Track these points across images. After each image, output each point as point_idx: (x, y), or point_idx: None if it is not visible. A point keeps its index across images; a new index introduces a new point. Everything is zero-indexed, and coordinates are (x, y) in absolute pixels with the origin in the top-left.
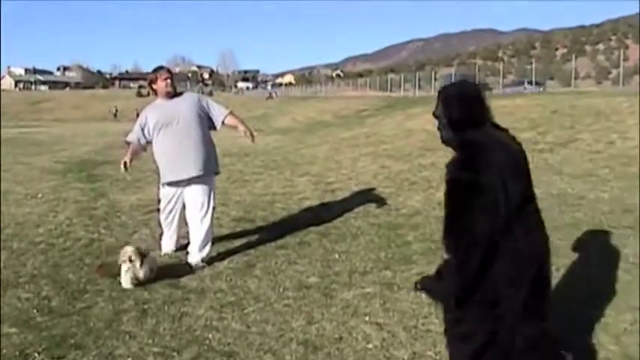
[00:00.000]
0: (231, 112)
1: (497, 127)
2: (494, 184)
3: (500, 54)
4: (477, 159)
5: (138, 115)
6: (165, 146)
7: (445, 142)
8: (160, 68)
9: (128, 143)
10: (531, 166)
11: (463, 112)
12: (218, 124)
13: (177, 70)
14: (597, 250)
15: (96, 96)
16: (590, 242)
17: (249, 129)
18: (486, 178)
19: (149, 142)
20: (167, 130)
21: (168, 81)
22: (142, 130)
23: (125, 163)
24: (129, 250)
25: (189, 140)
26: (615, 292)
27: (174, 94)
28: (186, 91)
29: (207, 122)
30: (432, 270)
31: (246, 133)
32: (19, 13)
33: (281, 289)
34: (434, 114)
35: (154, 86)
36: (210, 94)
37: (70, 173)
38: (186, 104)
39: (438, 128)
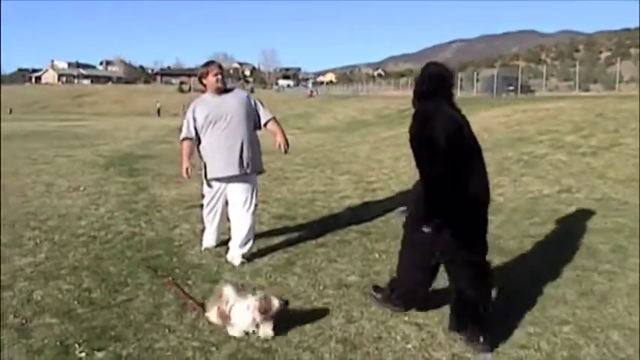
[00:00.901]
0: (274, 118)
1: (452, 105)
2: (438, 139)
3: (542, 56)
4: (424, 121)
5: (184, 111)
6: (212, 142)
7: (413, 106)
8: (210, 63)
9: (184, 139)
10: (573, 170)
11: (423, 87)
12: (262, 125)
13: None
14: (638, 256)
15: (137, 91)
16: (632, 248)
17: (285, 140)
18: (430, 132)
19: (197, 138)
20: (215, 125)
21: (219, 76)
22: (190, 125)
23: (187, 169)
24: (275, 304)
25: (236, 137)
26: None
27: (223, 90)
28: (235, 88)
29: (253, 120)
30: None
31: (281, 146)
32: (63, 7)
33: (321, 287)
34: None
35: (204, 81)
36: (252, 91)
37: (111, 167)
38: (235, 101)
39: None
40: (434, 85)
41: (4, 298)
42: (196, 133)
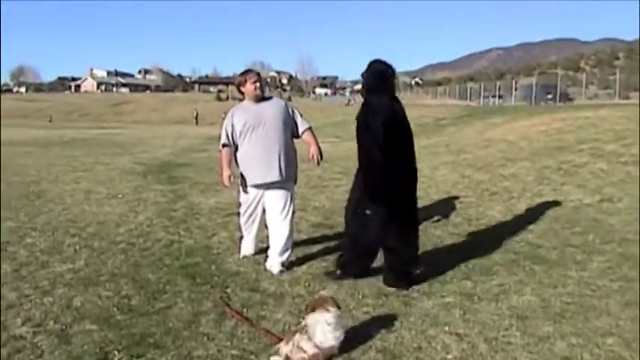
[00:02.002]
0: (310, 128)
1: (394, 98)
2: (377, 126)
3: (582, 64)
4: (368, 112)
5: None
6: (250, 149)
7: (362, 98)
8: (248, 71)
9: (224, 146)
10: (614, 179)
11: (370, 82)
12: (300, 134)
13: None
14: None
15: (175, 99)
16: None
17: (319, 152)
18: (372, 122)
19: (235, 145)
20: (253, 133)
21: (257, 84)
22: (229, 133)
23: (230, 177)
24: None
25: (274, 145)
26: None
27: (262, 98)
28: (273, 96)
29: (291, 129)
30: (513, 281)
31: (314, 157)
32: (102, 15)
33: (360, 296)
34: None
35: (242, 89)
36: (289, 99)
37: (149, 174)
38: (273, 109)
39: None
40: (378, 80)
41: (44, 304)
42: (234, 141)
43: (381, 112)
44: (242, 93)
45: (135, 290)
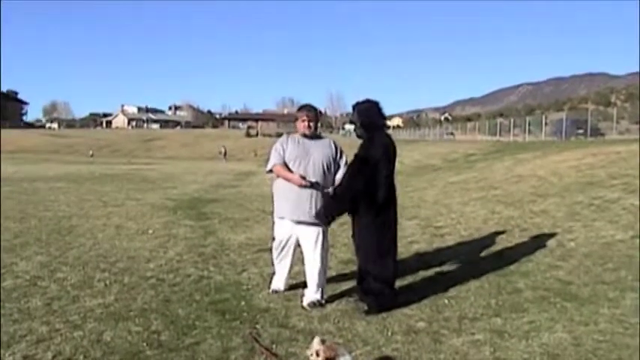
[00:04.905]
0: None
1: (386, 133)
2: (379, 160)
3: (612, 98)
4: (372, 146)
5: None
6: (287, 183)
7: (359, 137)
8: (303, 107)
9: (270, 171)
10: None
11: (372, 119)
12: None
13: (285, 111)
14: None
15: (205, 135)
16: None
17: None
18: (373, 156)
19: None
20: (296, 166)
21: (305, 123)
22: (280, 153)
23: (302, 176)
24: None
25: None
26: None
27: (313, 136)
28: (326, 136)
29: (333, 171)
30: (544, 319)
31: None
32: (133, 51)
33: (389, 333)
34: (350, 120)
35: (297, 124)
36: None
37: (179, 210)
38: (320, 150)
39: (355, 129)
40: (373, 116)
41: (74, 338)
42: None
43: (387, 146)
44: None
45: (164, 326)
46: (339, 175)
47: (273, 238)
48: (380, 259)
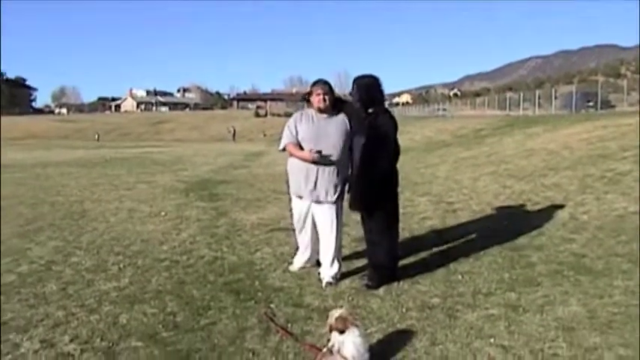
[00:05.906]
0: None
1: (386, 108)
2: (391, 135)
3: (622, 70)
4: (383, 123)
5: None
6: (300, 160)
7: (355, 112)
8: (317, 82)
9: (284, 150)
10: None
11: (366, 95)
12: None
13: (294, 90)
14: None
15: (214, 117)
16: None
17: None
18: (385, 131)
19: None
20: (309, 144)
21: (321, 96)
22: (293, 132)
23: (312, 149)
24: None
25: (329, 164)
26: None
27: (328, 111)
28: (343, 110)
29: (347, 147)
30: (558, 292)
31: None
32: (141, 35)
33: (404, 310)
34: (350, 94)
35: (311, 99)
36: None
37: (191, 192)
38: (336, 127)
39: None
40: (373, 92)
41: (90, 322)
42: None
43: (391, 123)
44: (310, 103)
45: (179, 307)
46: (356, 156)
47: (292, 215)
48: (388, 231)
